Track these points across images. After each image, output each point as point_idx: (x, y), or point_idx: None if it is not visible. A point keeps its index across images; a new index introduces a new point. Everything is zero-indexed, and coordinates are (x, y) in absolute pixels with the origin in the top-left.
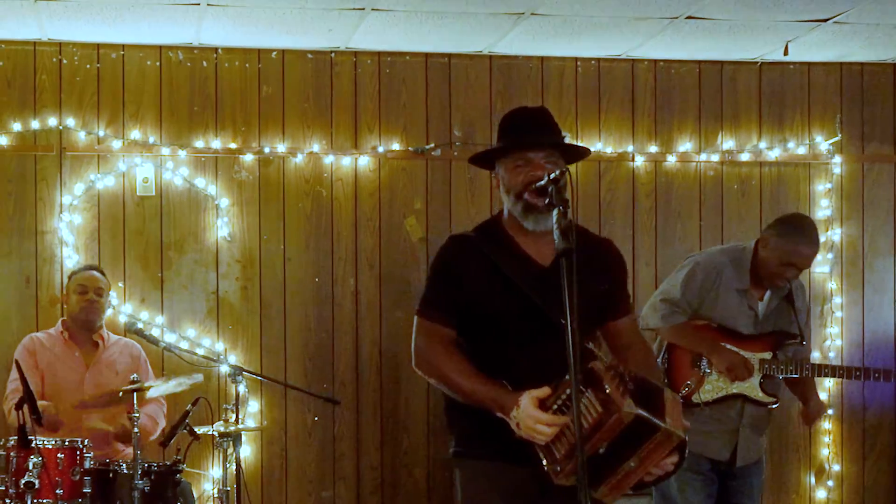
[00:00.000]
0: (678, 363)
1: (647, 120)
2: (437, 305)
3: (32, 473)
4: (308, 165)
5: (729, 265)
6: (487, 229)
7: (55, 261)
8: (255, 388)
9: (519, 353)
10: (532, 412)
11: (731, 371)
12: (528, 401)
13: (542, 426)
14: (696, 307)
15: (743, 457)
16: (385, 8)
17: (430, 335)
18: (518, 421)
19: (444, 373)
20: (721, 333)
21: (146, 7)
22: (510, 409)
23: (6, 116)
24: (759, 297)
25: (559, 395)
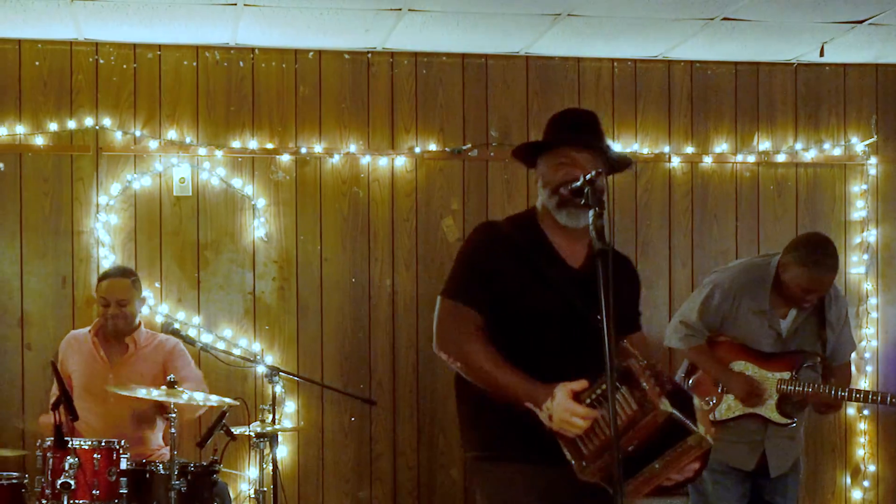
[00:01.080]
0: (700, 380)
1: (684, 121)
2: (468, 289)
3: (69, 474)
4: (345, 166)
5: (748, 287)
6: (521, 223)
7: (91, 261)
8: (291, 388)
9: (549, 351)
10: (567, 404)
11: (744, 400)
12: (564, 392)
13: (577, 419)
14: (715, 328)
15: (776, 466)
16: (422, 8)
17: (458, 318)
18: (551, 413)
19: (473, 359)
20: (743, 351)
21: (183, 7)
22: (543, 401)
23: (43, 116)
24: (783, 315)
25: (594, 390)
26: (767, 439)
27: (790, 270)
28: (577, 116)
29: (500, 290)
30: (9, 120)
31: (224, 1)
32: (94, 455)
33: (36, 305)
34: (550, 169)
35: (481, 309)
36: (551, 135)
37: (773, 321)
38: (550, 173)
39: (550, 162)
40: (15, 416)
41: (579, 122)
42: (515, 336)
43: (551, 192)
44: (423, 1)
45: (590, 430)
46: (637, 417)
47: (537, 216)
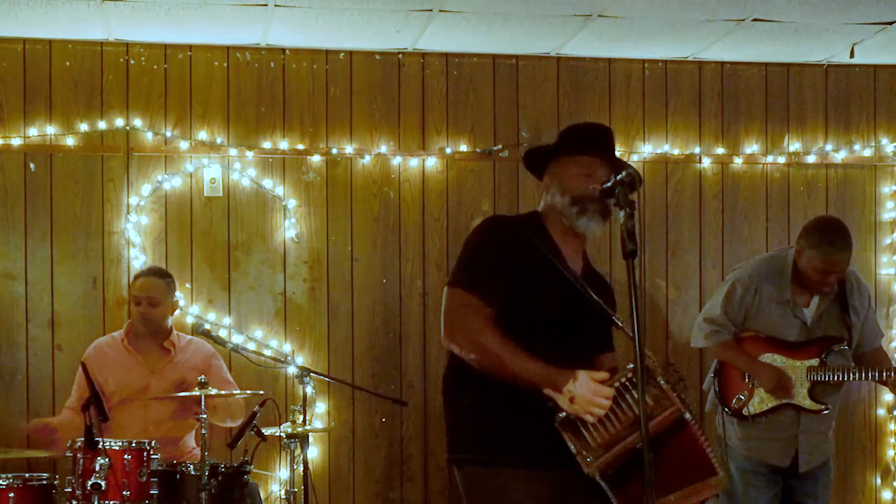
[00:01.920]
0: (729, 377)
1: (714, 122)
2: (479, 280)
3: (99, 475)
4: (376, 166)
5: (767, 278)
6: (530, 223)
7: (122, 261)
8: (322, 389)
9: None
10: (591, 384)
11: (773, 391)
12: (586, 374)
13: (601, 398)
14: (739, 323)
15: (806, 461)
16: (453, 9)
17: (469, 308)
18: (573, 394)
19: (487, 347)
20: (769, 344)
21: (213, 8)
22: (564, 384)
23: (73, 117)
24: (806, 303)
25: (612, 383)
26: (801, 434)
27: (805, 255)
28: (596, 129)
29: (511, 283)
30: (39, 120)
31: (255, 1)
32: (124, 456)
33: (66, 306)
34: (570, 177)
35: (491, 301)
36: (568, 142)
37: (797, 310)
38: (572, 181)
39: (570, 170)
40: (45, 416)
41: (598, 135)
42: (522, 331)
43: (572, 200)
44: (454, 2)
45: (600, 423)
46: (652, 414)
47: (543, 219)
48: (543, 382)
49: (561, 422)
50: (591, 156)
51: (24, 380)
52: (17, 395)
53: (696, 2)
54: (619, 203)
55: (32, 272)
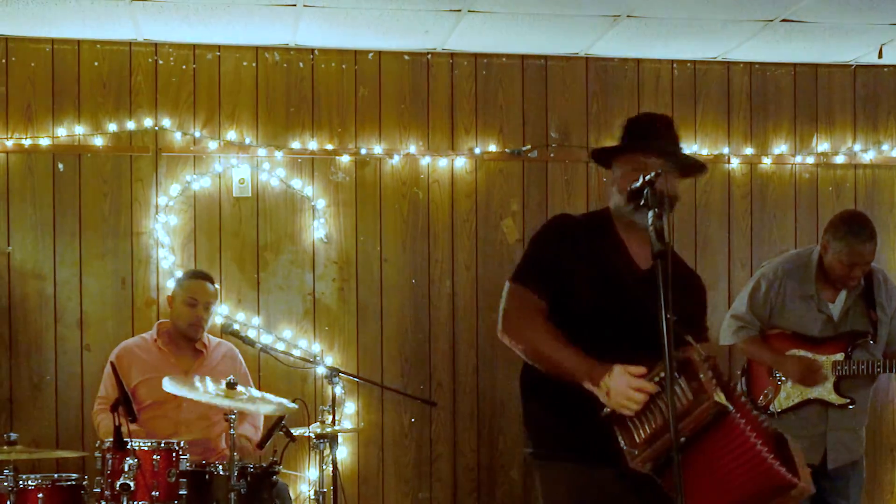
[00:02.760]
0: (755, 375)
1: (743, 122)
2: (536, 275)
3: (128, 475)
4: (405, 167)
5: (793, 273)
6: (595, 220)
7: (151, 262)
8: (351, 389)
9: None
10: (625, 378)
11: (802, 380)
12: (621, 368)
13: (634, 392)
14: (765, 319)
15: (835, 459)
16: (482, 9)
17: (522, 302)
18: (609, 388)
19: (534, 341)
20: (794, 340)
21: (242, 8)
22: (600, 377)
23: (102, 117)
24: (831, 298)
25: (652, 377)
26: (829, 431)
27: (831, 247)
28: (651, 121)
29: (566, 280)
30: (68, 120)
31: (284, 1)
32: (153, 456)
33: (95, 306)
34: (624, 174)
35: (546, 296)
36: (627, 139)
37: (822, 305)
38: (624, 179)
39: (624, 167)
40: (74, 416)
41: (654, 127)
42: (576, 328)
43: (627, 198)
44: (483, 2)
45: (644, 418)
46: (690, 408)
47: (611, 216)
48: (582, 375)
49: (606, 416)
50: (646, 153)
51: (53, 380)
52: (46, 395)
53: (725, 2)
54: (648, 203)
55: (61, 272)
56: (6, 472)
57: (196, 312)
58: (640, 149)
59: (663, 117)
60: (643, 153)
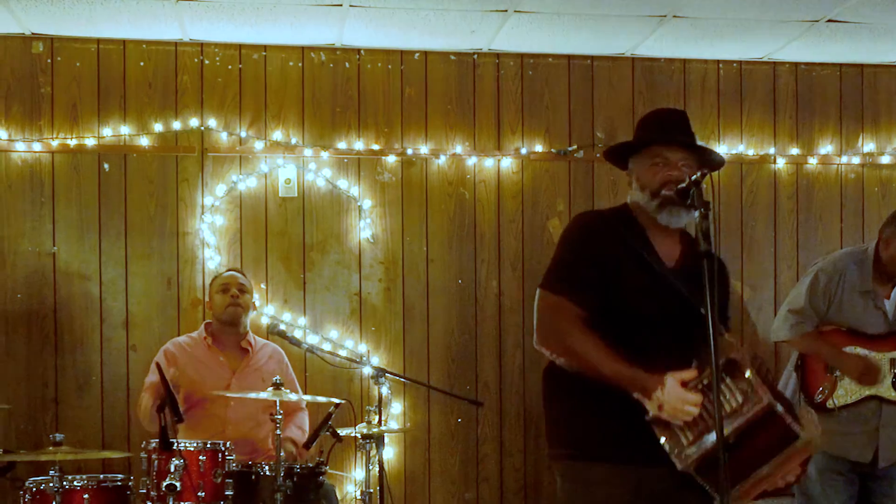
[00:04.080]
0: (812, 370)
1: (789, 122)
2: (568, 281)
3: (174, 476)
4: (451, 167)
5: (851, 268)
6: (621, 216)
7: (197, 262)
8: (398, 389)
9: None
10: (680, 392)
11: (861, 379)
12: (674, 381)
13: (690, 406)
14: (823, 313)
15: (886, 457)
16: (528, 10)
17: (560, 311)
18: (662, 402)
19: (578, 350)
20: (850, 336)
21: (288, 8)
22: (653, 390)
23: (148, 117)
24: (887, 295)
25: (701, 380)
26: (882, 427)
27: (891, 244)
28: (666, 115)
29: (602, 280)
30: (114, 120)
31: (330, 1)
32: (199, 457)
33: (141, 307)
34: (646, 170)
35: (582, 301)
36: (642, 135)
37: (879, 301)
38: (647, 175)
39: (645, 163)
40: (120, 417)
41: (669, 121)
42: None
43: (652, 194)
44: (529, 2)
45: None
46: (743, 408)
47: (632, 212)
48: (632, 387)
49: (653, 419)
50: (665, 145)
51: (99, 380)
52: (92, 395)
53: (771, 3)
54: (694, 204)
55: (107, 273)
56: (52, 472)
57: (230, 294)
58: (662, 142)
59: (679, 111)
60: (663, 146)
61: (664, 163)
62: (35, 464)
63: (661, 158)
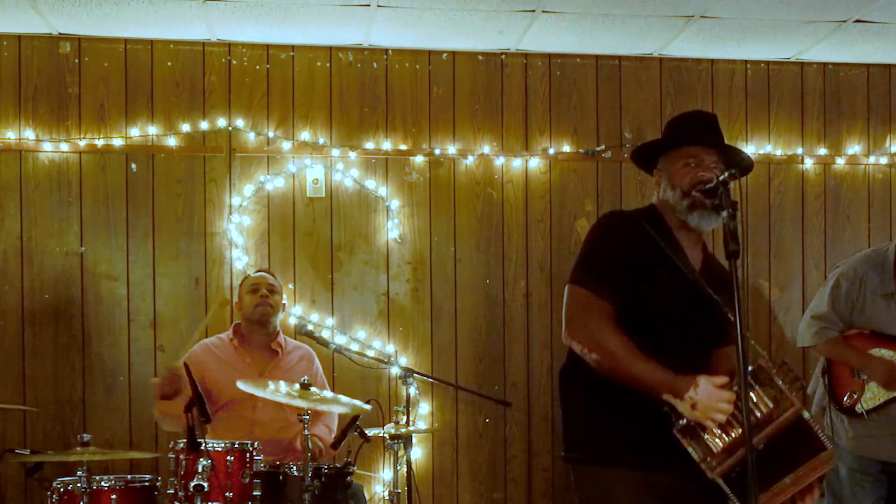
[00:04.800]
0: (839, 375)
1: (816, 122)
2: (602, 278)
3: (202, 476)
4: (478, 167)
5: (871, 272)
6: (650, 217)
7: (224, 262)
8: (426, 389)
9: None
10: (713, 391)
11: (888, 383)
12: (707, 380)
13: (724, 404)
14: (847, 318)
15: None
16: (556, 10)
17: (591, 308)
18: (695, 401)
19: (609, 348)
20: (875, 339)
21: (316, 8)
22: (685, 391)
23: (175, 117)
24: None
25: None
26: None
27: None
28: (697, 117)
29: (631, 278)
30: (141, 121)
31: (357, 2)
32: (227, 457)
33: (168, 307)
34: (678, 170)
35: (613, 298)
36: (673, 135)
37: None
38: (679, 175)
39: (677, 163)
40: (147, 417)
41: (701, 123)
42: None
43: (682, 194)
44: (557, 2)
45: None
46: (773, 415)
47: (661, 214)
48: (663, 388)
49: (681, 429)
50: (696, 145)
51: (126, 381)
52: (120, 395)
53: (799, 3)
54: (722, 203)
55: (134, 273)
56: (80, 472)
57: (259, 294)
58: (695, 142)
59: (709, 114)
60: (696, 146)
61: (697, 163)
62: (62, 464)
63: (695, 159)
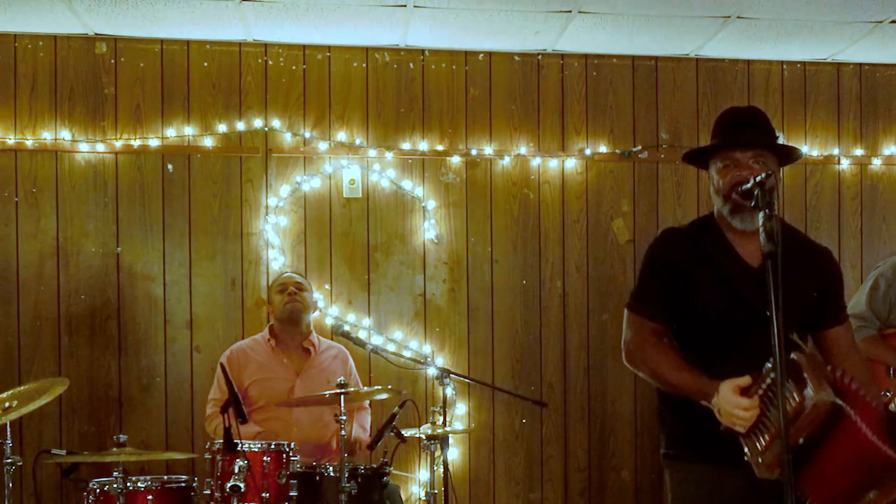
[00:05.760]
0: (874, 374)
1: (853, 123)
2: (646, 300)
3: (238, 477)
4: (515, 167)
5: None
6: (702, 225)
7: (261, 263)
8: (462, 390)
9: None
10: (730, 397)
11: None
12: (728, 387)
13: (741, 411)
14: (884, 317)
15: None
16: (592, 10)
17: (638, 329)
18: (719, 407)
19: (652, 366)
20: None
21: (352, 8)
22: (711, 397)
23: (211, 118)
24: None
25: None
26: None
27: None
28: (736, 115)
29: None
30: (177, 121)
31: (394, 2)
32: (263, 458)
33: (205, 308)
34: (718, 173)
35: (659, 318)
36: (715, 136)
37: None
38: (719, 178)
39: (717, 165)
40: (184, 418)
41: (740, 121)
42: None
43: (724, 198)
44: (593, 3)
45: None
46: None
47: (716, 219)
48: (697, 395)
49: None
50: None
51: (163, 381)
52: (156, 396)
53: (835, 4)
54: (758, 204)
55: (171, 273)
56: (116, 473)
57: (288, 292)
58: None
59: (749, 109)
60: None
61: (733, 164)
62: (99, 465)
63: (731, 160)
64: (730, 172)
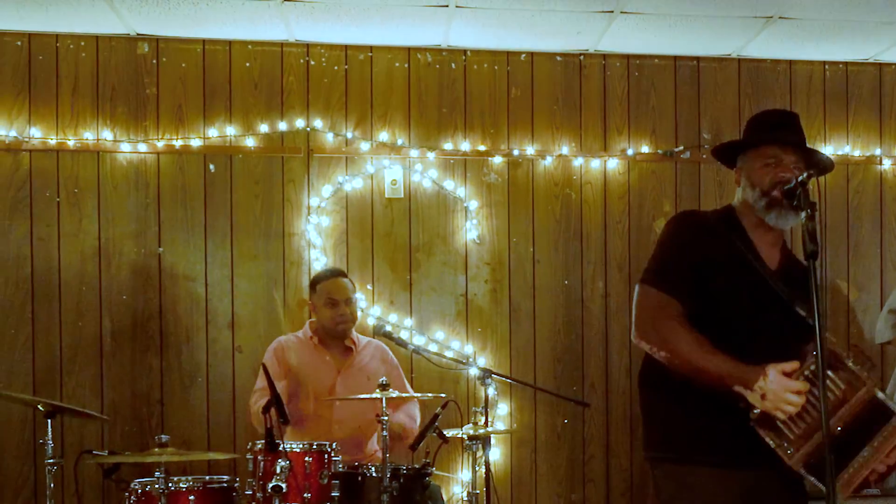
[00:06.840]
0: None
1: (895, 123)
2: (671, 278)
3: (280, 477)
4: (557, 168)
5: None
6: (727, 219)
7: (303, 263)
8: (504, 390)
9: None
10: (783, 380)
11: None
12: (777, 370)
13: (793, 395)
14: None
15: None
16: (634, 11)
17: (660, 306)
18: (765, 391)
19: (678, 345)
20: None
21: (394, 9)
22: (754, 381)
23: (253, 118)
24: None
25: (803, 371)
26: None
27: None
28: (779, 116)
29: (703, 278)
30: (219, 121)
31: (436, 2)
32: (305, 458)
33: (246, 308)
34: (757, 169)
35: (683, 298)
36: (753, 134)
37: None
38: (758, 174)
39: (756, 162)
40: (225, 418)
41: (782, 122)
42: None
43: (761, 193)
44: (635, 3)
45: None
46: (846, 396)
47: (736, 213)
48: (733, 380)
49: (757, 419)
50: (776, 145)
51: (205, 381)
52: (198, 396)
53: (877, 4)
54: (800, 204)
55: (212, 274)
56: (157, 473)
57: (339, 311)
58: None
59: (790, 112)
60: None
61: (777, 163)
62: (140, 465)
63: (775, 159)
64: (772, 170)
